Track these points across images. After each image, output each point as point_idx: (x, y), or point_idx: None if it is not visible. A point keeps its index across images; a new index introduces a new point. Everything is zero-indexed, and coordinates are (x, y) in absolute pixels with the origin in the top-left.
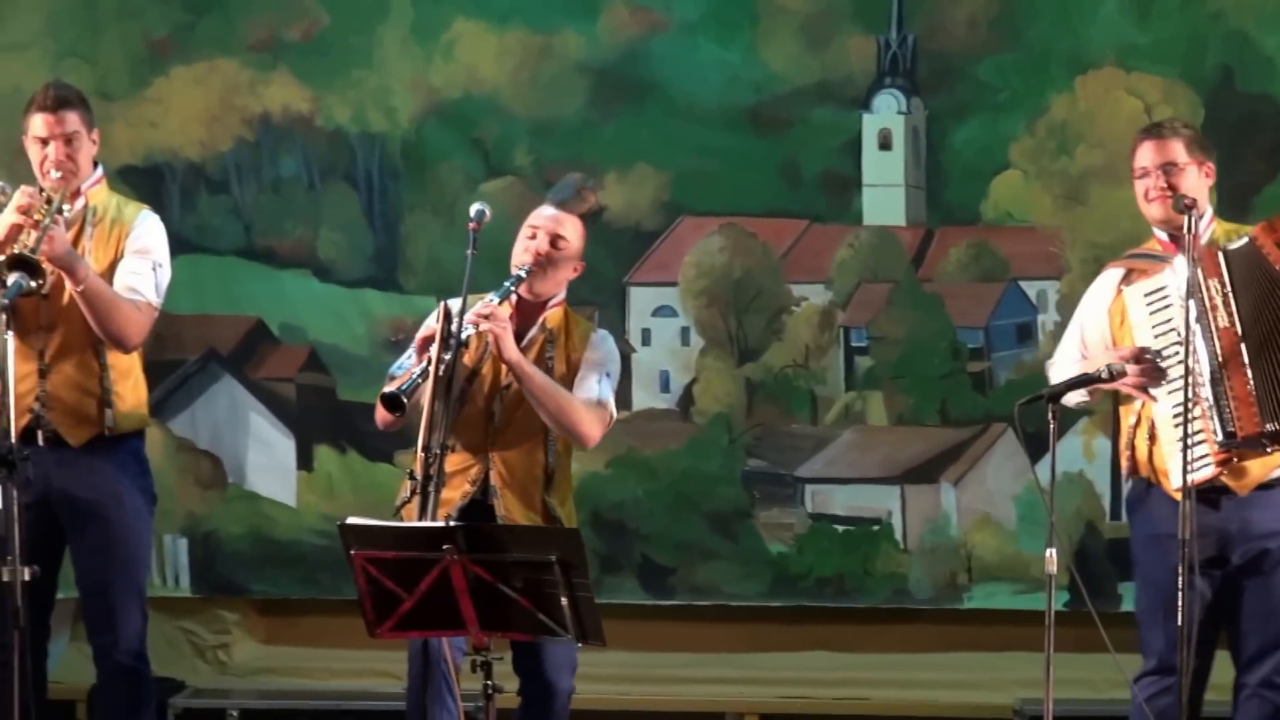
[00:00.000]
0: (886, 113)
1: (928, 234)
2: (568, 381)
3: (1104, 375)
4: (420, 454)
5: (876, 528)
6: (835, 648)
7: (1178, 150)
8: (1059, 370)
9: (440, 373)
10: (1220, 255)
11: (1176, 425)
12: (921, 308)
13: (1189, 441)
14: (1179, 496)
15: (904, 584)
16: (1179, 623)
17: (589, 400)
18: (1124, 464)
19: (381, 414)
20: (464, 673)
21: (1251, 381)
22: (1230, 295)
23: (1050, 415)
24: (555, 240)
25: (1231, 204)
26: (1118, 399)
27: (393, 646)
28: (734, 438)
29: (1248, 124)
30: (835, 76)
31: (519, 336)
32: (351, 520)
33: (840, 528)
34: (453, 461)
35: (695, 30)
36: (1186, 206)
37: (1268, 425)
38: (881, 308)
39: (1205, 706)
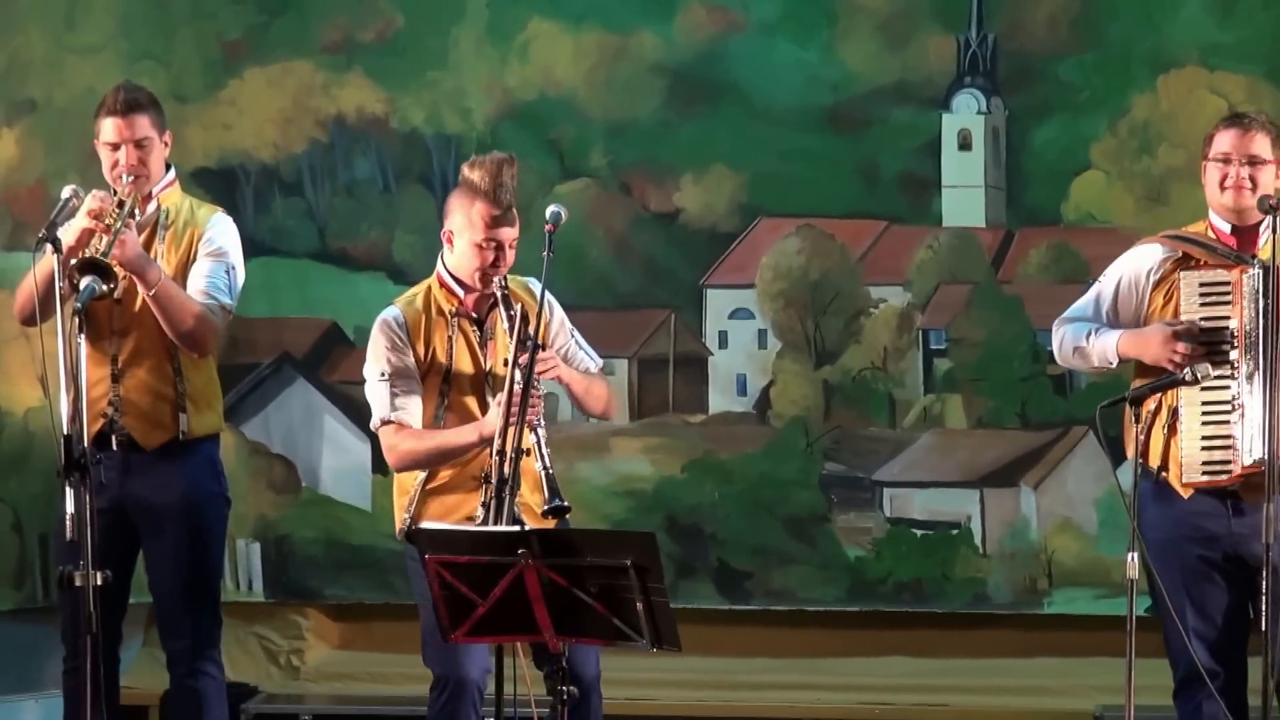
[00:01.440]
0: (966, 113)
1: (1008, 235)
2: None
3: (1187, 378)
4: (494, 458)
5: (955, 532)
6: (914, 653)
7: (1263, 144)
8: (1073, 328)
9: (517, 376)
10: None
11: (1205, 423)
12: (1001, 310)
13: (1214, 444)
14: (1186, 493)
15: (983, 589)
16: (1218, 626)
17: (597, 371)
18: (1129, 449)
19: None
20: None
21: None
22: None
23: (1133, 418)
24: (512, 242)
25: None
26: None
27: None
28: (811, 441)
29: None
30: (914, 76)
31: (484, 323)
32: (426, 525)
33: (919, 532)
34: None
35: (773, 30)
36: (1272, 207)
37: None
38: (961, 310)
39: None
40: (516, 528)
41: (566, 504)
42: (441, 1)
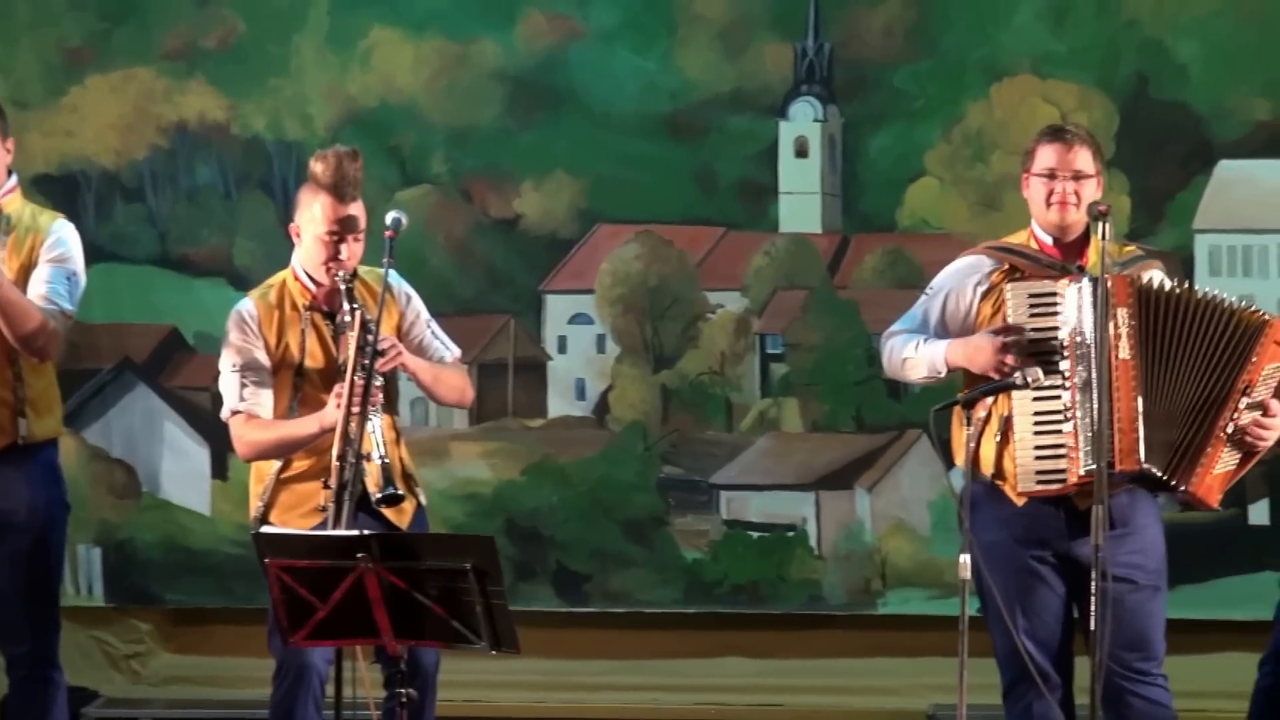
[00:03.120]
0: (803, 120)
1: (844, 241)
2: (388, 328)
3: (1019, 382)
4: (336, 463)
5: (791, 534)
6: (750, 654)
7: (1086, 159)
8: (900, 340)
9: (360, 382)
10: (1135, 288)
11: (1038, 432)
12: (837, 315)
13: (1047, 454)
14: (1021, 501)
15: (818, 590)
16: (1048, 627)
17: (453, 360)
18: (959, 459)
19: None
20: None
21: (1142, 421)
22: (1136, 329)
23: (964, 422)
24: (358, 236)
25: (1146, 210)
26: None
27: None
28: (649, 445)
29: (1162, 131)
30: (752, 84)
31: (335, 316)
32: (266, 529)
33: (755, 534)
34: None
35: (612, 38)
36: (1101, 213)
37: (1147, 466)
38: (797, 315)
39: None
40: (356, 532)
41: (400, 492)
42: (283, 9)
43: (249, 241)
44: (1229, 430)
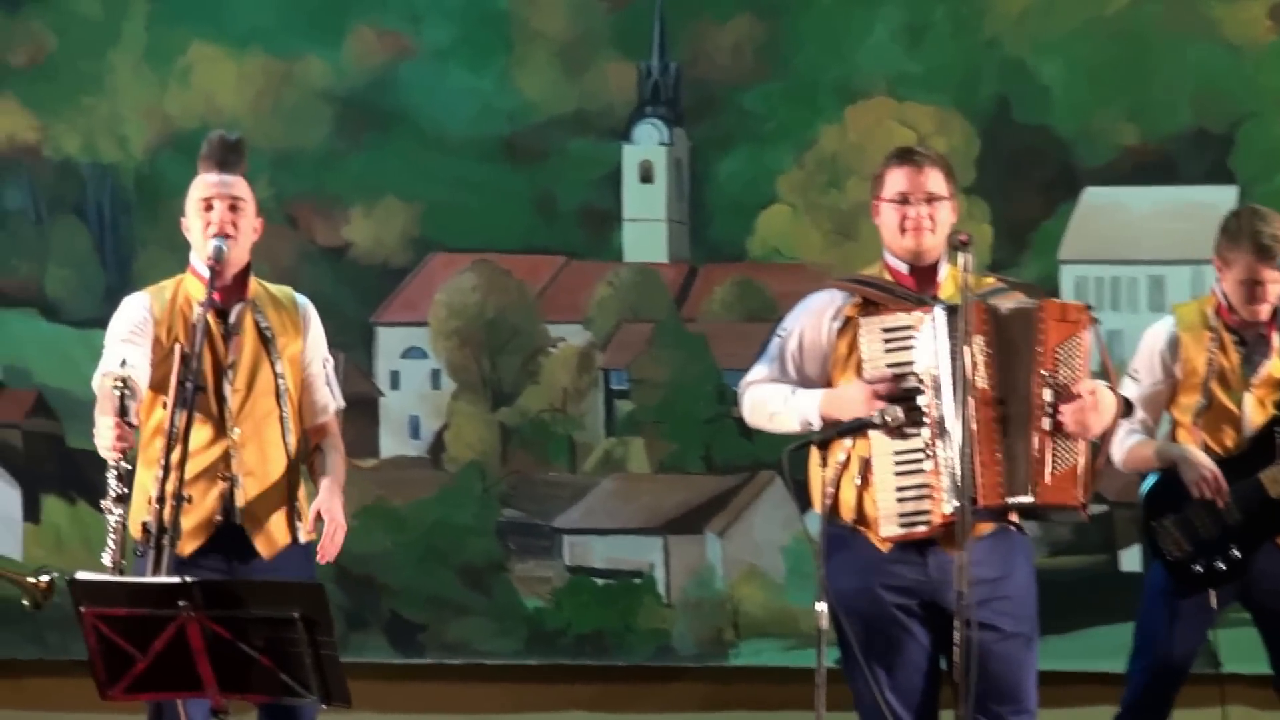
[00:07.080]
0: (648, 144)
1: (691, 271)
2: (293, 350)
3: (877, 421)
4: (154, 505)
5: (638, 581)
6: (596, 708)
7: (938, 181)
8: (765, 391)
9: (178, 419)
10: (990, 314)
11: (899, 473)
12: (685, 349)
13: (909, 495)
14: (886, 547)
15: (667, 640)
16: (911, 677)
17: (332, 416)
18: (820, 504)
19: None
20: None
21: (1001, 451)
22: (993, 357)
23: (820, 463)
24: (235, 204)
25: (1009, 239)
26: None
27: (128, 710)
28: (488, 486)
29: (1024, 156)
30: (594, 105)
31: (226, 314)
32: (82, 575)
33: (600, 581)
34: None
35: (446, 56)
36: (962, 243)
37: (1011, 499)
38: (643, 349)
39: None
40: (177, 579)
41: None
42: (97, 23)
43: (61, 270)
44: (1044, 425)
